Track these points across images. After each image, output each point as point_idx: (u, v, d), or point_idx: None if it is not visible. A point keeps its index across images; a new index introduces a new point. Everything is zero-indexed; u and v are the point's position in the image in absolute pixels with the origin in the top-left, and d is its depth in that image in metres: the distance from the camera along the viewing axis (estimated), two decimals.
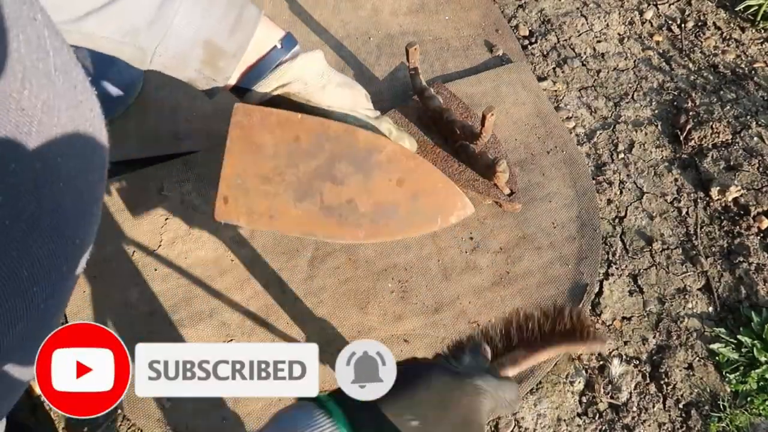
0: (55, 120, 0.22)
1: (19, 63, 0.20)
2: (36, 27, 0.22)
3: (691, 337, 0.83)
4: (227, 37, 0.59)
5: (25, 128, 0.20)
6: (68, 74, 0.23)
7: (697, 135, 0.98)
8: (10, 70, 0.20)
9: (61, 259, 0.23)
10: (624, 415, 0.78)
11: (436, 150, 0.92)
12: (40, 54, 0.22)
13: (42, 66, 0.22)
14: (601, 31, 1.12)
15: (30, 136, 0.21)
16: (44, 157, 0.21)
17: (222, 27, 0.59)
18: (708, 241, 0.90)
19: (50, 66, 0.22)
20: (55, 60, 0.22)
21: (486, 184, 0.88)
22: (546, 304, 0.54)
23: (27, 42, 0.21)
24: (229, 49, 0.60)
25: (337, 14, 1.11)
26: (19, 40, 0.21)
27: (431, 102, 0.90)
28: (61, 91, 0.23)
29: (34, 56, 0.21)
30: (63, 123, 0.22)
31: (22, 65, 0.21)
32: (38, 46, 0.22)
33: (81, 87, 0.24)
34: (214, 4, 0.58)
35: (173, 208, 0.89)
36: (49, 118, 0.22)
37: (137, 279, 0.83)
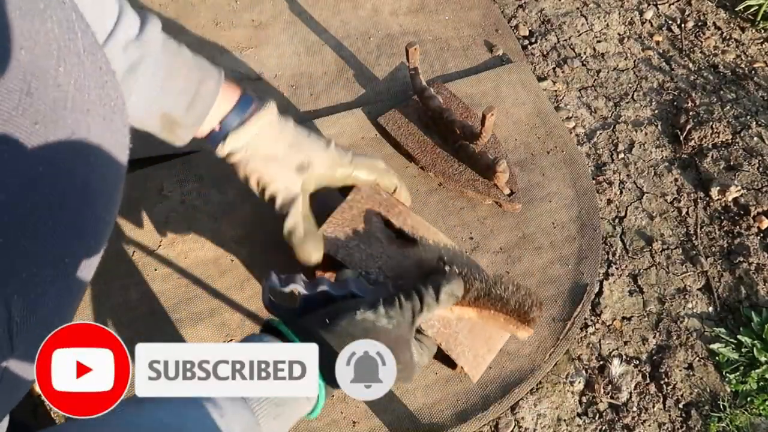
0: (86, 97, 0.23)
1: (54, 42, 0.22)
2: (65, 9, 0.23)
3: (691, 337, 0.83)
4: (184, 111, 0.60)
5: (62, 103, 0.22)
6: (95, 55, 0.25)
7: (697, 135, 0.98)
8: (47, 48, 0.21)
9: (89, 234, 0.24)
10: (624, 415, 0.78)
11: (436, 150, 0.92)
12: (71, 35, 0.23)
13: (73, 46, 0.23)
14: (601, 31, 1.12)
15: (66, 111, 0.22)
16: (78, 131, 0.22)
17: (179, 102, 0.60)
18: (708, 241, 0.91)
19: (79, 47, 0.23)
20: (83, 41, 0.24)
21: (486, 184, 0.88)
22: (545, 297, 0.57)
23: (59, 23, 0.22)
24: (186, 122, 0.61)
25: (337, 14, 1.11)
26: (53, 20, 0.22)
27: (431, 102, 0.90)
28: (90, 70, 0.24)
29: (66, 37, 0.22)
30: (93, 100, 0.24)
31: (57, 44, 0.22)
32: (68, 28, 0.23)
33: (105, 68, 0.25)
34: (172, 78, 0.59)
35: (173, 208, 0.89)
36: (81, 95, 0.23)
37: (137, 279, 0.83)
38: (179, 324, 0.80)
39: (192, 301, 0.82)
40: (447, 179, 0.90)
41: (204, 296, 0.82)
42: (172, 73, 0.60)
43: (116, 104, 0.26)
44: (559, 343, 0.80)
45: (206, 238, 0.87)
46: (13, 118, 0.20)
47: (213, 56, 1.05)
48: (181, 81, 0.60)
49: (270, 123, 0.66)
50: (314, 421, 0.74)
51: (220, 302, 0.82)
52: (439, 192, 0.91)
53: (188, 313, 0.81)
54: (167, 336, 0.80)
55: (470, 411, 0.76)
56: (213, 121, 0.64)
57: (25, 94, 0.20)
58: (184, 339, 0.79)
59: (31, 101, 0.20)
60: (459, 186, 0.89)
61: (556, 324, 0.81)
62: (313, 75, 1.03)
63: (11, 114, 0.19)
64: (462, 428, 0.75)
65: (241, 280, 0.84)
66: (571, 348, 0.82)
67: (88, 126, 0.23)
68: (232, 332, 0.80)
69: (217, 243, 0.86)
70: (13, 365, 0.22)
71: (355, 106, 0.99)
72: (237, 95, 0.65)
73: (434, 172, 0.91)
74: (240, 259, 0.85)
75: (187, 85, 0.60)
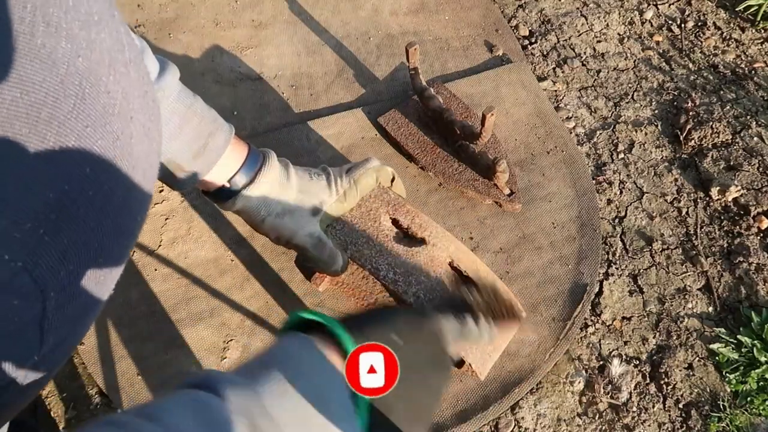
0: (131, 105, 0.25)
1: (106, 52, 0.24)
2: (115, 23, 0.25)
3: (691, 337, 0.83)
4: (191, 160, 0.61)
5: (110, 109, 0.23)
6: (138, 66, 0.27)
7: (697, 135, 0.98)
8: (100, 56, 0.23)
9: (125, 234, 0.26)
10: (624, 415, 0.78)
11: (436, 150, 0.92)
12: (119, 46, 0.25)
13: (120, 57, 0.25)
14: (601, 31, 1.12)
15: (113, 117, 0.23)
16: (122, 137, 0.24)
17: (187, 151, 0.61)
18: (708, 241, 0.90)
19: (126, 57, 0.25)
20: (129, 53, 0.26)
21: (486, 184, 0.88)
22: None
23: (110, 34, 0.24)
24: (190, 169, 0.62)
25: (337, 14, 1.11)
26: (106, 31, 0.24)
27: (431, 102, 0.90)
28: (134, 80, 0.26)
29: (115, 47, 0.24)
30: (136, 108, 0.25)
31: (108, 54, 0.24)
32: (117, 39, 0.25)
33: (146, 79, 0.28)
34: (184, 127, 0.60)
35: (173, 208, 0.89)
36: (127, 103, 0.25)
37: (137, 279, 0.83)
38: (179, 324, 0.80)
39: (192, 301, 0.82)
40: (447, 179, 0.90)
41: (204, 296, 0.82)
42: (184, 120, 0.60)
43: (154, 113, 0.28)
44: (559, 343, 0.80)
45: (206, 238, 0.87)
46: (68, 121, 0.21)
47: (213, 56, 1.05)
48: (192, 131, 0.61)
49: (275, 177, 0.66)
50: None
51: (220, 302, 0.82)
52: (439, 192, 0.91)
53: (188, 313, 0.81)
54: (167, 336, 0.80)
55: (470, 411, 0.76)
56: (221, 177, 0.64)
57: (80, 99, 0.22)
58: (184, 339, 0.79)
59: (84, 106, 0.22)
60: (459, 186, 0.89)
61: (556, 324, 0.81)
62: (313, 75, 1.03)
63: (67, 117, 0.21)
64: (462, 428, 0.75)
65: (241, 280, 0.84)
66: (571, 348, 0.82)
67: (131, 132, 0.25)
68: (232, 332, 0.80)
69: (217, 243, 0.86)
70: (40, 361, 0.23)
71: (355, 106, 0.99)
72: (245, 153, 0.65)
73: (434, 172, 0.91)
74: (240, 259, 0.85)
75: (198, 135, 0.61)
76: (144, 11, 1.09)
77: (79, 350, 0.78)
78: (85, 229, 0.22)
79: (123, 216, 0.25)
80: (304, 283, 0.83)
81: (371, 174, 0.73)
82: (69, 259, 0.22)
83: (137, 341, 0.79)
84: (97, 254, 0.24)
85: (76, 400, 0.78)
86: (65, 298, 0.22)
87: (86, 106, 0.22)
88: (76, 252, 0.22)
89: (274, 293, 0.83)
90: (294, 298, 0.82)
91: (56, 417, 0.77)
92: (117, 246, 0.25)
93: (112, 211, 0.24)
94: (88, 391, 0.79)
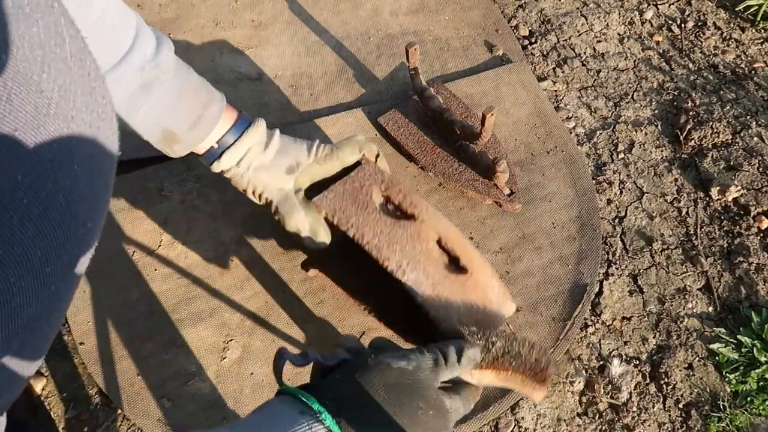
0: (71, 104, 0.23)
1: (39, 47, 0.22)
2: (54, 14, 0.23)
3: (691, 337, 0.83)
4: (186, 131, 0.65)
5: (44, 110, 0.21)
6: (82, 61, 0.24)
7: (697, 135, 0.98)
8: (30, 53, 0.21)
9: (72, 242, 0.24)
10: (624, 415, 0.78)
11: (436, 150, 0.92)
12: (58, 40, 0.23)
13: (59, 51, 0.23)
14: (601, 31, 1.12)
15: (48, 118, 0.22)
16: (61, 138, 0.22)
17: (183, 122, 0.64)
18: (708, 241, 0.90)
19: (66, 52, 0.23)
20: (71, 47, 0.24)
21: (486, 184, 0.88)
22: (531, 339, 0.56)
23: (46, 28, 0.22)
24: (186, 139, 0.66)
25: (337, 14, 1.11)
26: (39, 25, 0.22)
27: (431, 102, 0.90)
28: (76, 76, 0.24)
29: (52, 42, 0.22)
30: (78, 107, 0.23)
31: (42, 50, 0.22)
32: (56, 33, 0.23)
33: (94, 74, 0.25)
34: (181, 99, 0.63)
35: (173, 208, 0.89)
36: (66, 102, 0.23)
37: (137, 279, 0.83)
38: (179, 324, 0.80)
39: (192, 301, 0.82)
40: (447, 179, 0.90)
41: (204, 296, 0.82)
42: (181, 94, 0.63)
43: (104, 111, 0.26)
44: (559, 343, 0.80)
45: (206, 238, 0.87)
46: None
47: (213, 56, 1.05)
48: (188, 102, 0.64)
49: (259, 138, 0.71)
50: None
51: (220, 302, 0.82)
52: (439, 192, 0.91)
53: (188, 313, 0.81)
54: (167, 336, 0.80)
55: (470, 411, 0.76)
56: (211, 140, 0.68)
57: (5, 101, 0.20)
58: (184, 339, 0.79)
59: (10, 108, 0.20)
60: (459, 186, 0.89)
61: (556, 324, 0.81)
62: (313, 75, 1.03)
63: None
64: (462, 428, 0.75)
65: (241, 280, 0.84)
66: (571, 348, 0.82)
67: (72, 133, 0.23)
68: (232, 332, 0.80)
69: (217, 243, 0.86)
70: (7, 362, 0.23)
71: (355, 106, 0.99)
72: (234, 117, 0.69)
73: (434, 172, 0.91)
74: (240, 259, 0.85)
75: (193, 107, 0.64)
76: (144, 11, 1.09)
77: (79, 350, 0.78)
78: (23, 238, 0.21)
79: (67, 223, 0.23)
80: (304, 283, 0.83)
81: (353, 144, 0.76)
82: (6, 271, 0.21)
83: (137, 341, 0.79)
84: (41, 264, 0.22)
85: (76, 400, 0.78)
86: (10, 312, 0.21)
87: (13, 108, 0.20)
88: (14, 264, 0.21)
89: (274, 293, 0.83)
90: (294, 298, 0.82)
91: (56, 417, 0.77)
92: (66, 254, 0.24)
93: (53, 219, 0.22)
94: (88, 391, 0.79)
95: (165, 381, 0.77)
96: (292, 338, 0.80)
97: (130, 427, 0.77)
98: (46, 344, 0.26)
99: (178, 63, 0.64)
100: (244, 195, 0.74)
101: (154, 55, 0.60)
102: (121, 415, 0.77)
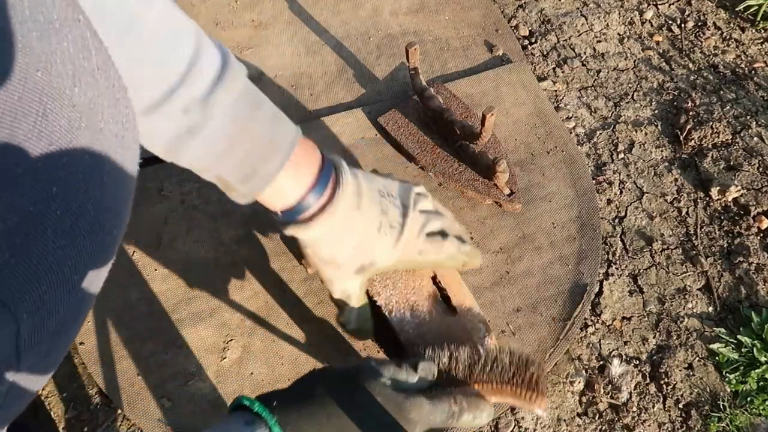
0: (100, 116, 0.23)
1: (69, 62, 0.22)
2: (80, 28, 0.23)
3: (691, 337, 0.83)
4: (239, 183, 0.53)
5: (76, 123, 0.22)
6: (107, 73, 0.25)
7: (697, 135, 0.98)
8: (62, 67, 0.21)
9: (99, 250, 0.25)
10: (624, 415, 0.78)
11: (436, 150, 0.92)
12: (85, 53, 0.23)
13: (87, 65, 0.23)
14: (601, 31, 1.12)
15: (80, 131, 0.22)
16: (91, 151, 0.23)
17: (234, 174, 0.53)
18: (708, 241, 0.91)
19: (93, 65, 0.23)
20: (97, 59, 0.24)
21: (486, 184, 0.88)
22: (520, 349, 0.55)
23: (74, 42, 0.22)
24: (241, 190, 0.54)
25: (337, 14, 1.11)
26: (68, 39, 0.22)
27: (431, 102, 0.90)
28: (103, 88, 0.24)
29: (81, 55, 0.23)
30: (106, 119, 0.24)
31: (72, 64, 0.22)
32: (83, 46, 0.23)
33: (118, 85, 0.26)
34: (233, 151, 0.51)
35: (173, 208, 0.89)
36: (95, 115, 0.23)
37: (137, 279, 0.83)
38: (179, 324, 0.80)
39: (192, 301, 0.82)
40: (447, 179, 0.90)
41: (204, 296, 0.82)
42: (234, 145, 0.50)
43: (128, 121, 0.26)
44: (559, 343, 0.80)
45: (206, 238, 0.87)
46: (29, 141, 0.20)
47: None
48: (240, 155, 0.51)
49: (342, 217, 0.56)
50: None
51: (220, 302, 0.82)
52: (439, 192, 0.91)
53: (188, 313, 0.81)
54: (167, 336, 0.80)
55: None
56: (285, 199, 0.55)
57: (41, 116, 0.20)
58: (184, 339, 0.79)
59: (46, 123, 0.20)
60: (459, 186, 0.89)
61: (556, 324, 0.81)
62: (313, 75, 1.03)
63: (27, 136, 0.20)
64: (462, 428, 0.75)
65: (241, 280, 0.84)
66: (571, 348, 0.82)
67: (101, 144, 0.23)
68: (232, 332, 0.80)
69: (217, 243, 0.86)
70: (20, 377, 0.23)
71: (355, 106, 0.99)
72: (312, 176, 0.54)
73: (434, 172, 0.91)
74: (240, 259, 0.85)
75: (244, 161, 0.52)
76: None
77: (79, 350, 0.78)
78: (55, 249, 0.21)
79: (96, 233, 0.24)
80: (304, 283, 0.83)
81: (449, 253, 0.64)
82: (40, 280, 0.21)
83: (137, 341, 0.79)
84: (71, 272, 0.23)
85: (76, 400, 0.78)
86: (40, 319, 0.22)
87: (49, 123, 0.20)
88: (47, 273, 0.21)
89: (274, 293, 0.83)
90: (294, 298, 0.82)
91: (56, 417, 0.77)
92: (92, 262, 0.24)
93: (83, 229, 0.23)
94: (88, 391, 0.79)
95: (165, 381, 0.77)
96: (292, 338, 0.80)
97: (130, 427, 0.77)
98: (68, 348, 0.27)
99: (238, 102, 0.50)
100: None
101: (207, 93, 0.47)
102: (121, 415, 0.77)
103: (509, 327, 0.81)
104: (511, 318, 0.82)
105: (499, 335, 0.81)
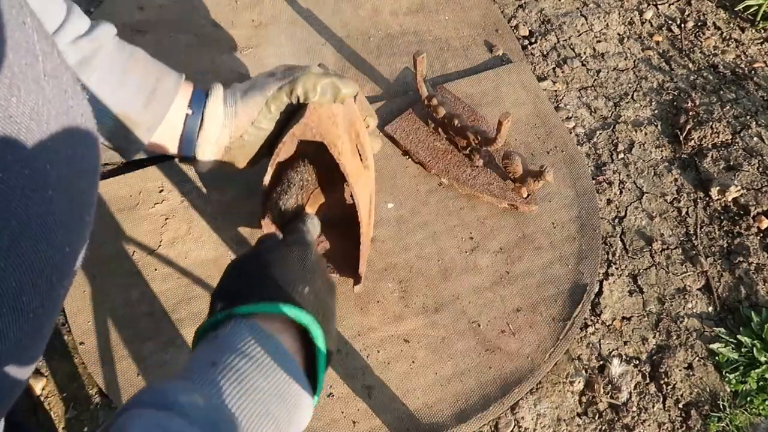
0: (44, 127, 0.22)
1: (7, 69, 0.20)
2: (25, 31, 0.22)
3: (691, 337, 0.83)
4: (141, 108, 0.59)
5: (13, 136, 0.20)
6: (58, 79, 0.23)
7: (697, 135, 0.98)
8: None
9: (49, 268, 0.23)
10: (624, 415, 0.78)
11: (447, 156, 0.92)
12: (29, 59, 0.21)
13: (30, 72, 0.21)
14: (601, 31, 1.12)
15: (17, 144, 0.20)
16: (33, 164, 0.21)
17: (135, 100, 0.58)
18: (708, 241, 0.91)
19: (39, 71, 0.22)
20: (45, 65, 0.22)
21: (501, 188, 0.89)
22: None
23: (15, 47, 0.21)
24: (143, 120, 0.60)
25: (337, 14, 1.11)
26: (7, 45, 0.20)
27: (439, 109, 0.90)
28: (51, 96, 0.22)
29: (23, 61, 0.21)
30: (52, 129, 0.22)
31: (9, 71, 0.20)
32: (27, 51, 0.21)
33: (71, 92, 0.24)
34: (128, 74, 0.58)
35: (173, 208, 0.89)
36: (38, 125, 0.21)
37: (137, 279, 0.83)
38: (179, 324, 0.80)
39: (192, 301, 0.82)
40: (461, 184, 0.90)
41: (204, 296, 0.82)
42: (127, 69, 0.58)
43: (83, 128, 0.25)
44: (559, 343, 0.80)
45: (206, 238, 0.87)
46: None
47: (213, 56, 1.05)
48: (137, 77, 0.58)
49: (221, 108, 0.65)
50: (314, 421, 0.74)
51: None
52: (439, 192, 0.91)
53: (188, 313, 0.81)
54: (167, 336, 0.80)
55: (470, 411, 0.76)
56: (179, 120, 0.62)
57: None
58: (184, 339, 0.79)
59: None
60: (474, 191, 0.89)
61: (556, 324, 0.82)
62: None
63: None
64: (462, 428, 0.75)
65: None
66: (571, 348, 0.82)
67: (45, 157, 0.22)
68: None
69: (217, 243, 0.86)
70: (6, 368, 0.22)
71: None
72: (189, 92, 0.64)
73: (448, 179, 0.91)
74: None
75: (144, 82, 0.59)
76: (144, 12, 1.09)
77: (79, 350, 0.78)
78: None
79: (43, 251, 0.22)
80: None
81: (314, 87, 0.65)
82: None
83: (137, 341, 0.79)
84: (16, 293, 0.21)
85: (76, 400, 0.78)
86: None
87: None
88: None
89: None
90: None
91: (56, 417, 0.77)
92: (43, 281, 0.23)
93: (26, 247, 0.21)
94: (88, 391, 0.79)
95: None
96: None
97: None
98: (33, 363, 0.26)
99: (120, 41, 0.59)
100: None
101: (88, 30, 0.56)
102: None
103: (509, 327, 0.81)
104: (511, 318, 0.82)
105: (498, 335, 0.81)
